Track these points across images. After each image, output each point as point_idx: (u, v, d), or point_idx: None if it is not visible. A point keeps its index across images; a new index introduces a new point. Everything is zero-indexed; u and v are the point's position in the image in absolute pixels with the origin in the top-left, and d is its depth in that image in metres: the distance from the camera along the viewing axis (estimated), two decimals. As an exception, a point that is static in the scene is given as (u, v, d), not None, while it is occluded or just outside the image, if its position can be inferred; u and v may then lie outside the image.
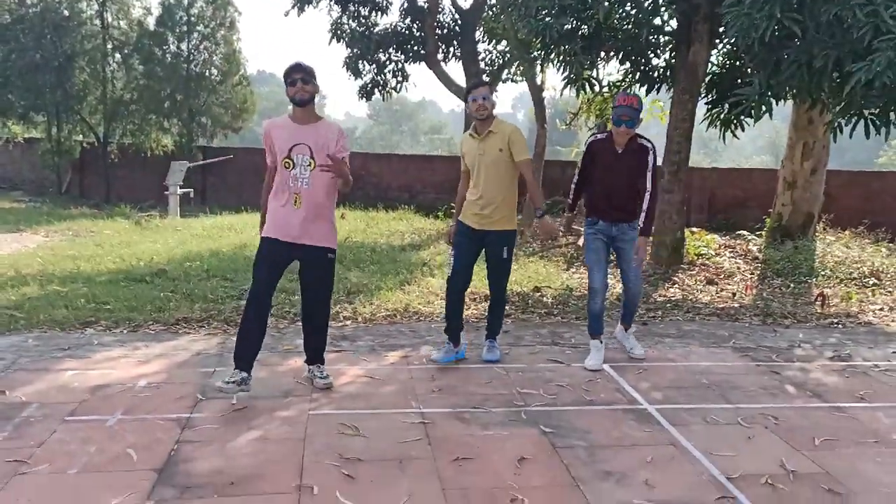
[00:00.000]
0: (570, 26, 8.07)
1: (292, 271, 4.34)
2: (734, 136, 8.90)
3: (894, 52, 5.42)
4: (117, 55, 20.02)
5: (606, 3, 7.70)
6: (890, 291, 7.63)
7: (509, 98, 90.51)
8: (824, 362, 5.07)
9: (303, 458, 3.27)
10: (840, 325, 6.26)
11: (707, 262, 8.90)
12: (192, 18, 19.83)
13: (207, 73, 20.09)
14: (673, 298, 7.09)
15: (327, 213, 4.13)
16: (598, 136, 4.74)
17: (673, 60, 8.84)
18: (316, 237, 4.06)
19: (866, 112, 6.43)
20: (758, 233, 10.93)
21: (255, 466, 3.19)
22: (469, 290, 4.89)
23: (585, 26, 8.31)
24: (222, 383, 3.92)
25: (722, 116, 8.89)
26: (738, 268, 8.71)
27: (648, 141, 4.59)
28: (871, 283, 7.90)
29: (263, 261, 4.07)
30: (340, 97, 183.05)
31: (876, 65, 5.44)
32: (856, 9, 5.58)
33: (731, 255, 9.44)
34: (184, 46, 19.78)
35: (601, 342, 4.80)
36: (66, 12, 18.96)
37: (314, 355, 4.31)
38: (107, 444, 3.37)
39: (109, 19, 19.76)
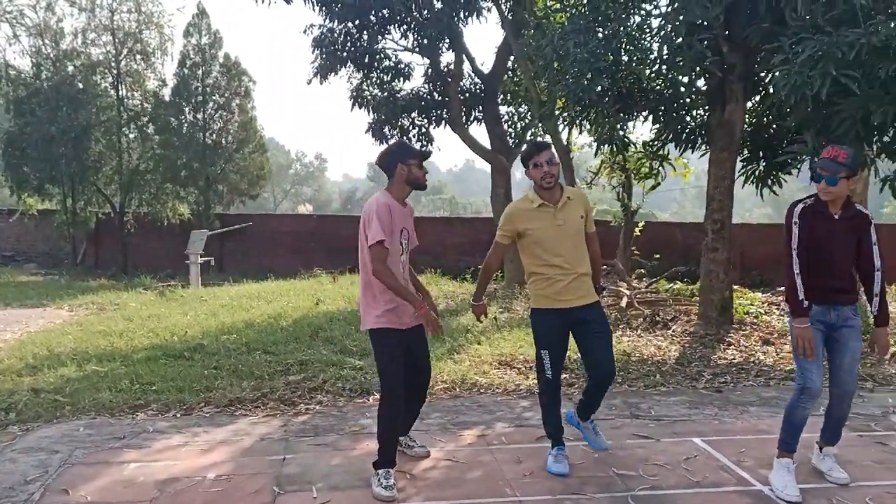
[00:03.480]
0: (601, 88, 8.04)
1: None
2: (772, 192, 8.83)
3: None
4: (133, 126, 20.15)
5: (643, 67, 7.71)
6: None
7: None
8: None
9: (412, 563, 2.97)
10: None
11: (756, 320, 8.65)
12: (208, 88, 20.10)
13: (223, 142, 20.23)
14: (735, 361, 6.82)
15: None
16: (806, 201, 3.78)
17: (706, 119, 8.79)
18: None
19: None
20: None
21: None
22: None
23: (620, 87, 8.31)
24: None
25: (757, 173, 8.83)
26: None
27: (864, 209, 3.85)
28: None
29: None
30: (339, 159, 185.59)
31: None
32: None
33: (779, 312, 9.18)
34: (199, 116, 19.98)
35: (793, 460, 3.84)
36: (80, 85, 19.15)
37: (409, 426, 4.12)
38: (191, 551, 3.07)
39: (124, 92, 19.99)
